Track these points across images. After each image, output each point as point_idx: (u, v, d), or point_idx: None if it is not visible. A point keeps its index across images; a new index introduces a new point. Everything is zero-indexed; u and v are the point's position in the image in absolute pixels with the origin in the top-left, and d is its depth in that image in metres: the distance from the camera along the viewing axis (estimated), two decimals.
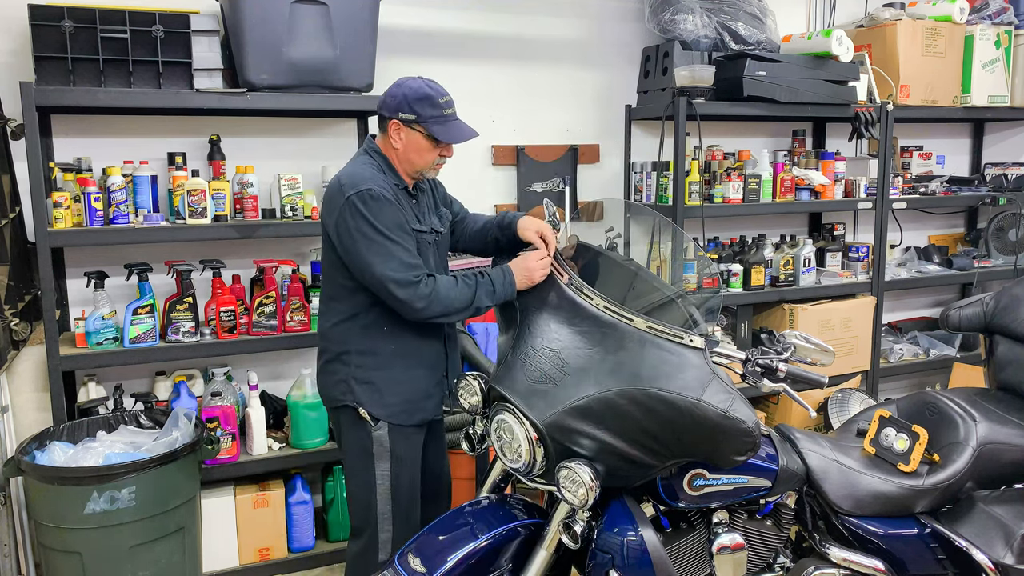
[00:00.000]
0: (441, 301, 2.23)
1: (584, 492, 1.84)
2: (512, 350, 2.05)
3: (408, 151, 2.33)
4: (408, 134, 2.31)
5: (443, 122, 2.31)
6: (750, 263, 3.87)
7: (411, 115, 2.28)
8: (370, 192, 2.23)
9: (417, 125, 2.29)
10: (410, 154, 2.33)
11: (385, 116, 2.34)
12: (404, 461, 2.42)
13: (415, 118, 2.29)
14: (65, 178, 2.93)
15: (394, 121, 2.31)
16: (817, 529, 2.25)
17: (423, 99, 2.29)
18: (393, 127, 2.32)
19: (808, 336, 2.06)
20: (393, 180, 2.34)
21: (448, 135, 2.32)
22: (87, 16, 2.80)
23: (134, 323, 2.95)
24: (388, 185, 2.30)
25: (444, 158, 2.38)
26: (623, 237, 2.52)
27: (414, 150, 2.32)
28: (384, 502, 2.40)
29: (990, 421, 2.33)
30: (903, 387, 4.85)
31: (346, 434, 2.44)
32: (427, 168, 2.37)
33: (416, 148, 2.32)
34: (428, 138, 2.30)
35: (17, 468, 2.59)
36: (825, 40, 3.80)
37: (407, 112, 2.29)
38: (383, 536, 2.40)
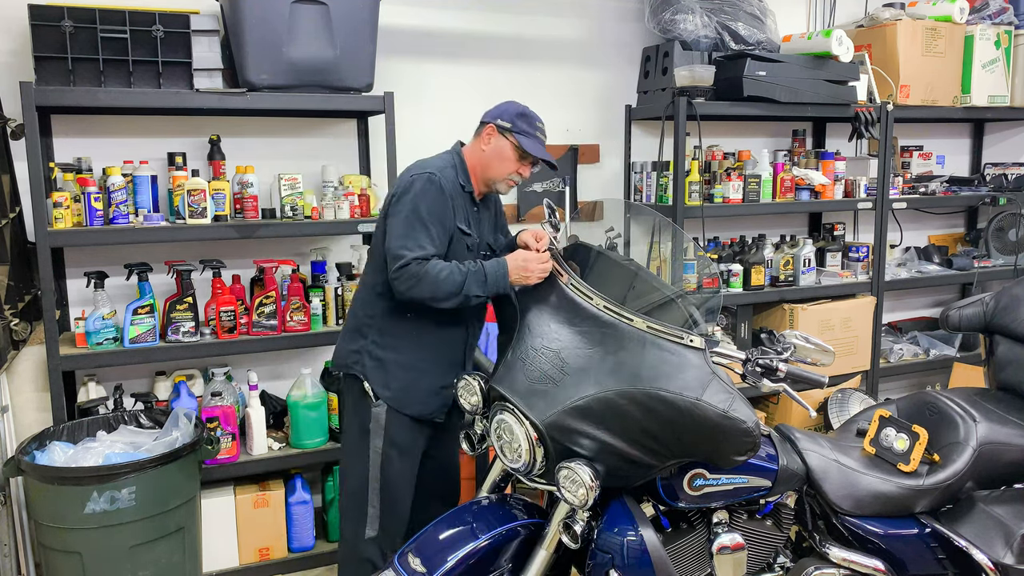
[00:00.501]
0: (428, 284, 2.30)
1: (584, 492, 1.84)
2: (512, 350, 2.06)
3: (492, 155, 2.47)
4: (498, 140, 2.46)
5: (532, 138, 2.47)
6: (750, 263, 3.87)
7: (508, 123, 2.45)
8: (430, 176, 2.38)
9: (509, 134, 2.45)
10: (493, 159, 2.47)
11: (484, 121, 2.51)
12: (398, 446, 2.49)
13: (510, 127, 2.45)
14: (65, 178, 2.93)
15: (490, 125, 2.47)
16: (817, 529, 2.25)
17: (523, 115, 2.47)
18: (487, 131, 2.47)
19: (808, 336, 2.06)
20: (460, 179, 2.47)
21: (533, 148, 2.46)
22: (87, 16, 2.80)
23: (134, 323, 2.95)
24: (451, 179, 2.43)
25: (520, 176, 2.51)
26: (623, 237, 2.52)
27: (498, 156, 2.46)
28: (374, 479, 2.49)
29: (990, 421, 2.33)
30: (903, 387, 4.85)
31: (348, 403, 2.58)
32: (501, 179, 2.49)
33: (500, 155, 2.46)
34: (515, 148, 2.45)
35: (17, 468, 2.59)
36: (825, 40, 3.80)
37: (506, 120, 2.46)
38: (371, 511, 2.49)
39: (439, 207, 2.37)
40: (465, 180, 2.49)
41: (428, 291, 2.32)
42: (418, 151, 3.73)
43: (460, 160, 2.51)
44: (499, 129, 2.46)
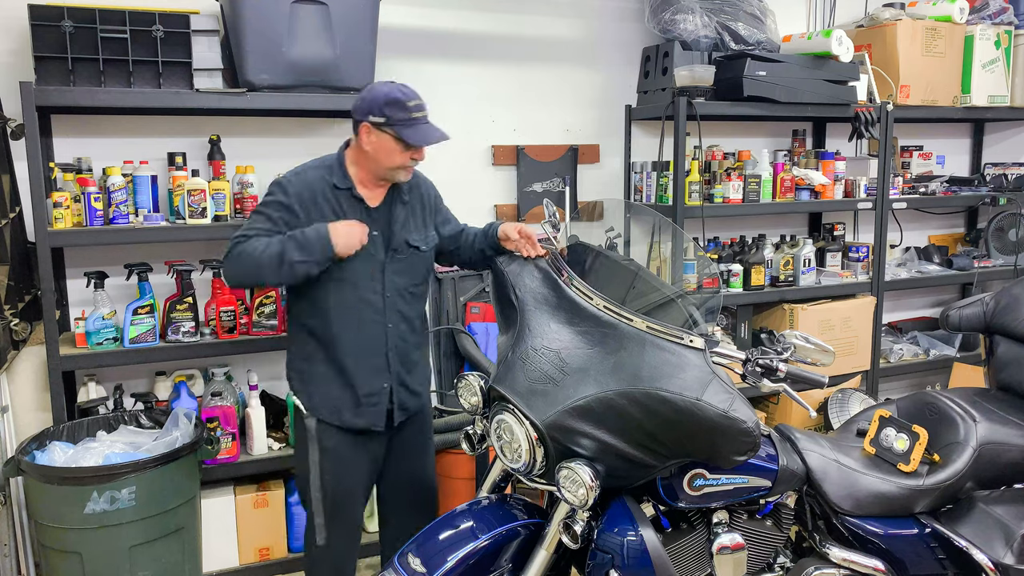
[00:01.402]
0: (248, 259, 2.28)
1: (584, 492, 1.84)
2: (512, 350, 2.05)
3: (378, 153, 2.36)
4: (378, 136, 2.34)
5: (412, 125, 2.33)
6: (750, 263, 3.87)
7: (380, 118, 2.31)
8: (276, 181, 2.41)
9: (386, 128, 2.32)
10: (380, 156, 2.36)
11: (356, 120, 2.37)
12: (332, 456, 2.45)
13: (384, 121, 2.31)
14: (65, 178, 2.93)
15: (364, 124, 2.34)
16: (817, 529, 2.25)
17: (393, 103, 2.31)
18: (363, 130, 2.35)
19: (808, 336, 2.06)
20: (334, 179, 2.40)
21: (416, 137, 2.34)
22: (87, 16, 2.80)
23: (134, 323, 2.95)
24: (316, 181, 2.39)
25: (415, 160, 2.41)
26: (623, 237, 2.52)
27: (384, 153, 2.35)
28: (316, 489, 2.45)
29: (990, 421, 2.33)
30: (903, 387, 4.85)
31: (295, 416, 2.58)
32: (397, 170, 2.40)
33: (386, 151, 2.35)
34: (397, 140, 2.33)
35: (17, 468, 2.59)
36: (825, 40, 3.80)
37: (377, 115, 2.31)
38: (318, 520, 2.47)
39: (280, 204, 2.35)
40: (340, 177, 2.40)
41: (251, 266, 2.28)
42: None
43: (338, 160, 2.43)
44: (374, 126, 2.33)
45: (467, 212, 3.82)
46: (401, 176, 2.43)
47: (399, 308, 2.48)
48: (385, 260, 2.45)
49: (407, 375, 2.52)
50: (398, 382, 2.50)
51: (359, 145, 2.38)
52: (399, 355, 2.49)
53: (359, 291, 2.41)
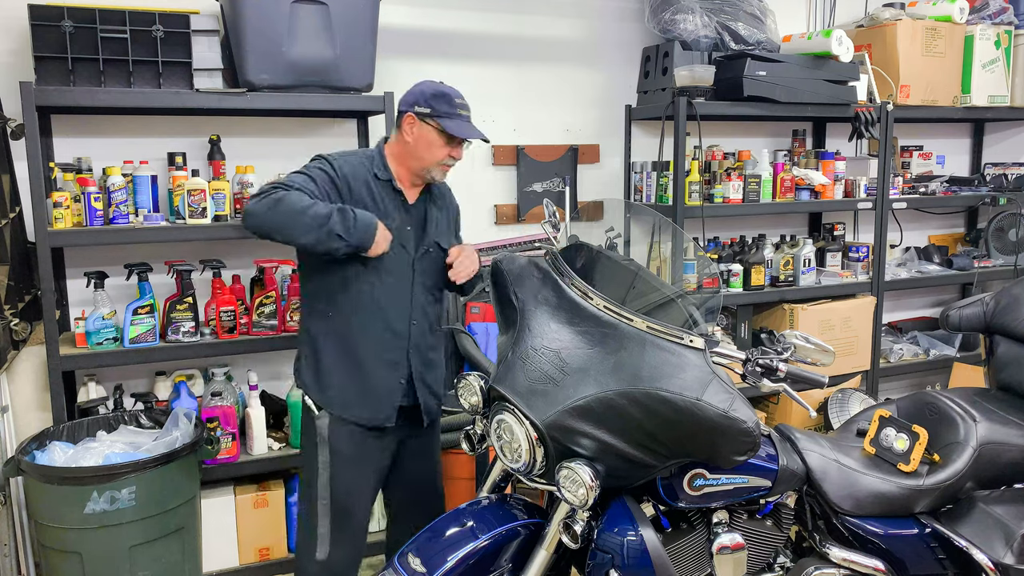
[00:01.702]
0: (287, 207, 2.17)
1: (584, 492, 1.84)
2: (512, 350, 2.05)
3: (418, 145, 2.36)
4: (420, 128, 2.35)
5: (455, 119, 2.36)
6: (750, 263, 3.87)
7: (426, 108, 2.33)
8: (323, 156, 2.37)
9: (430, 119, 2.34)
10: (420, 148, 2.37)
11: (401, 111, 2.39)
12: (343, 456, 2.39)
13: (429, 112, 2.33)
14: (65, 178, 2.93)
15: (409, 114, 2.36)
16: (817, 529, 2.25)
17: (440, 96, 2.34)
18: (407, 120, 2.36)
19: (808, 336, 2.06)
20: (375, 168, 2.39)
21: (459, 130, 2.35)
22: (87, 16, 2.80)
23: (134, 323, 2.95)
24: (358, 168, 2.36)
25: (453, 159, 2.41)
26: (623, 237, 2.52)
27: (424, 144, 2.36)
28: (324, 491, 2.38)
29: (990, 421, 2.33)
30: (903, 387, 4.85)
31: (302, 418, 2.50)
32: (434, 166, 2.40)
33: (426, 143, 2.36)
34: (440, 133, 2.34)
35: (17, 468, 2.59)
36: (825, 40, 3.80)
37: (423, 106, 2.33)
38: (321, 530, 2.38)
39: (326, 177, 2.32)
40: (380, 168, 2.40)
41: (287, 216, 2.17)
42: None
43: (379, 152, 2.43)
44: (419, 116, 2.34)
45: (467, 212, 3.82)
46: (437, 175, 2.43)
47: (423, 305, 2.48)
48: (415, 256, 2.45)
49: (427, 374, 2.51)
50: (420, 380, 2.48)
51: (401, 137, 2.39)
52: (419, 353, 2.48)
53: (387, 284, 2.39)
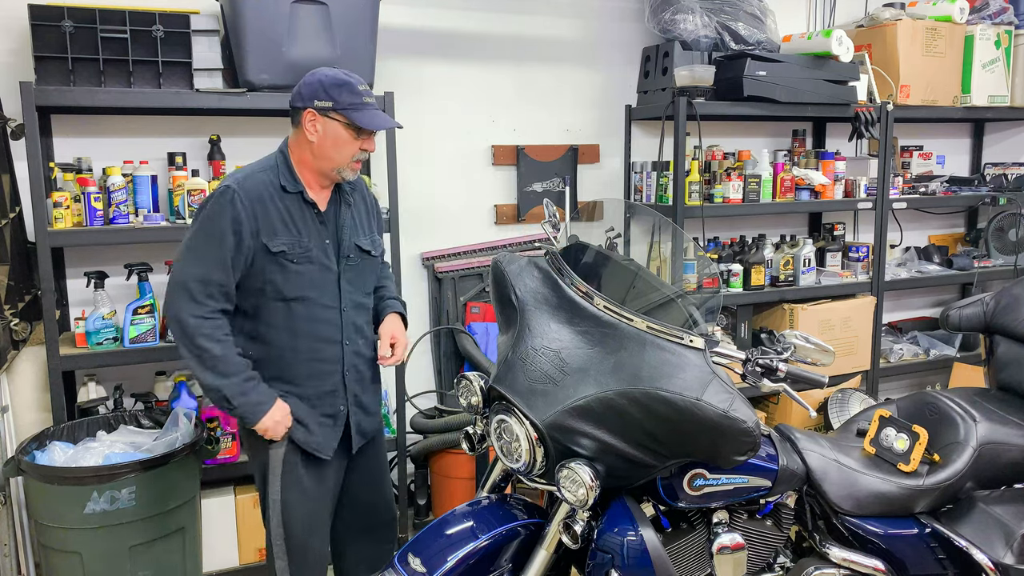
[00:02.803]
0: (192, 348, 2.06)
1: (584, 492, 1.84)
2: (512, 350, 2.05)
3: (325, 143, 2.15)
4: (325, 124, 2.14)
5: (362, 109, 2.14)
6: (750, 263, 3.87)
7: (328, 102, 2.12)
8: (223, 190, 2.10)
9: (335, 113, 2.13)
10: (327, 147, 2.16)
11: (298, 107, 2.15)
12: (296, 487, 2.25)
13: (332, 105, 2.12)
14: (65, 178, 2.93)
15: (309, 110, 2.14)
16: (817, 529, 2.25)
17: (341, 85, 2.13)
18: (308, 117, 2.14)
19: (808, 336, 2.06)
20: (283, 182, 2.17)
21: (369, 121, 2.15)
22: (87, 16, 2.80)
23: (134, 323, 2.95)
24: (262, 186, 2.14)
25: (365, 152, 2.21)
26: (623, 237, 2.52)
27: (332, 142, 2.15)
28: (277, 526, 2.24)
29: (990, 421, 2.33)
30: (903, 387, 4.85)
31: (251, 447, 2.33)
32: (346, 164, 2.20)
33: (334, 139, 2.15)
34: (348, 127, 2.14)
35: (17, 468, 2.59)
36: (825, 40, 3.80)
37: (323, 99, 2.12)
38: (279, 563, 2.25)
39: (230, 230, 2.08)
40: (288, 179, 2.17)
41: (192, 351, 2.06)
42: (418, 151, 3.74)
43: (283, 159, 2.20)
44: (320, 111, 2.12)
45: (467, 212, 3.83)
46: (348, 173, 2.23)
47: (355, 321, 2.31)
48: (339, 271, 2.27)
49: (363, 395, 2.37)
50: (355, 404, 2.35)
51: (302, 137, 2.17)
52: (356, 375, 2.34)
53: (314, 308, 2.22)
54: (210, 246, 2.10)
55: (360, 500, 2.47)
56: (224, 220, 2.10)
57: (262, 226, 2.13)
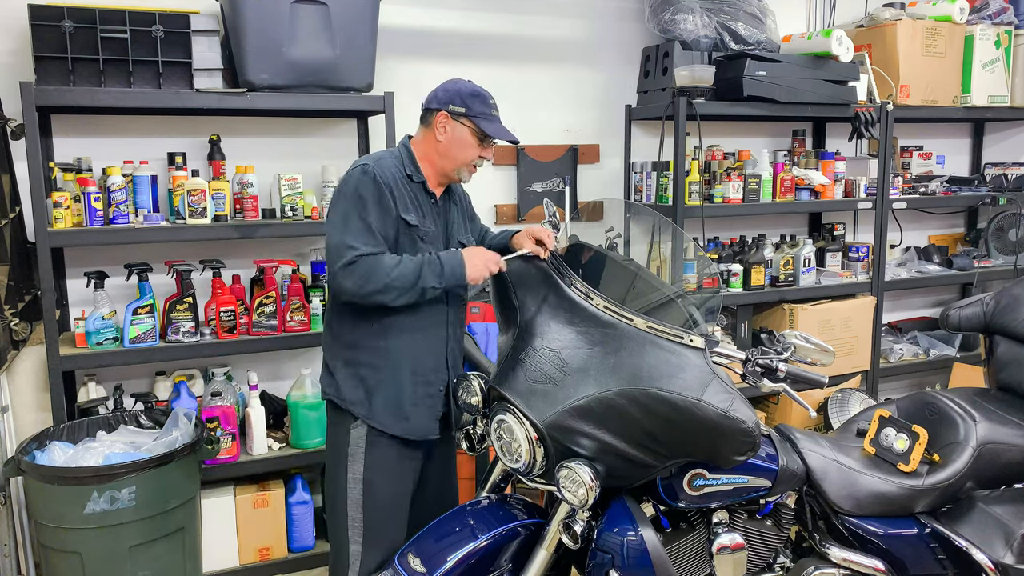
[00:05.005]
0: (380, 277, 2.13)
1: (584, 492, 1.84)
2: (512, 350, 2.05)
3: (452, 145, 2.30)
4: (455, 127, 2.29)
5: (491, 119, 2.31)
6: (750, 263, 3.87)
7: (461, 108, 2.27)
8: (363, 168, 2.22)
9: (466, 119, 2.28)
10: (453, 148, 2.30)
11: (433, 108, 2.32)
12: (381, 470, 2.27)
13: (465, 111, 2.28)
14: (65, 178, 2.93)
15: (443, 113, 2.29)
16: (817, 529, 2.25)
17: (476, 96, 2.30)
18: (440, 119, 2.29)
19: (808, 336, 2.06)
20: (408, 170, 2.30)
21: (495, 130, 2.31)
22: (87, 16, 2.80)
23: (134, 323, 2.95)
24: (394, 170, 2.26)
25: (483, 159, 2.36)
26: (623, 237, 2.52)
27: (458, 145, 2.30)
28: (354, 508, 2.26)
29: (990, 421, 2.33)
30: (903, 387, 4.85)
31: (328, 427, 2.40)
32: (465, 167, 2.33)
33: (460, 143, 2.29)
34: (475, 133, 2.29)
35: (17, 468, 2.59)
36: (825, 40, 3.80)
37: (458, 105, 2.28)
38: (353, 547, 2.26)
39: (376, 198, 2.19)
40: (413, 170, 2.31)
41: (380, 285, 2.13)
42: None
43: (407, 153, 2.34)
44: (453, 115, 2.28)
45: None
46: (465, 176, 2.36)
47: (456, 309, 2.40)
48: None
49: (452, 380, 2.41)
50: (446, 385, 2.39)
51: (431, 136, 2.31)
52: (454, 360, 2.41)
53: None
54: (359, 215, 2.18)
55: (432, 488, 2.47)
56: (368, 191, 2.19)
57: (399, 202, 2.24)
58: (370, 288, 2.14)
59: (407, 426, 2.29)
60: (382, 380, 2.27)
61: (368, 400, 2.27)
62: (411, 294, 2.17)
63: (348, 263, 2.14)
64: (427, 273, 2.17)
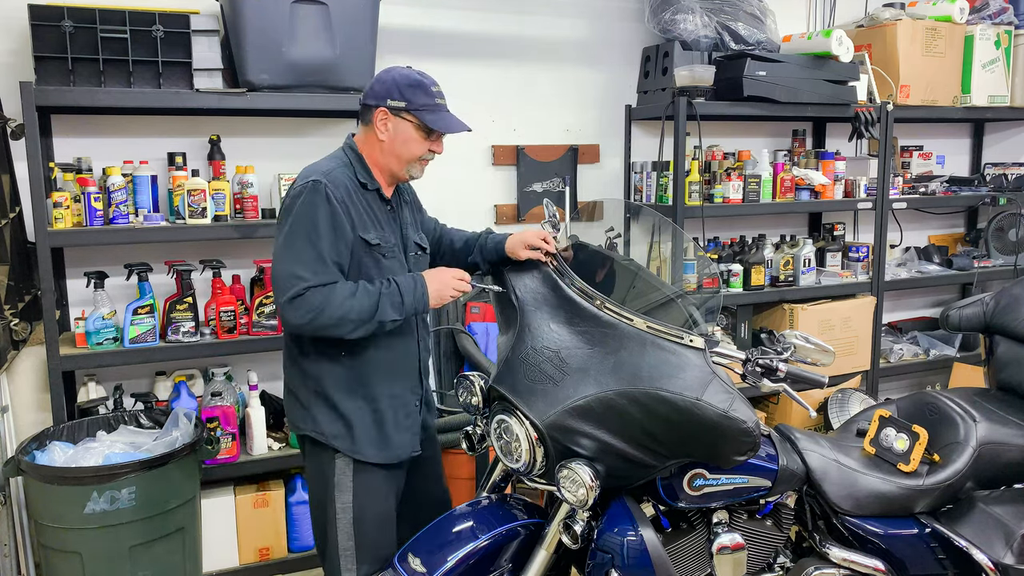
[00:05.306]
0: (333, 311, 1.98)
1: (584, 492, 1.84)
2: (512, 350, 2.05)
3: (395, 143, 2.13)
4: (396, 123, 2.12)
5: (435, 111, 2.13)
6: (750, 263, 3.87)
7: (401, 102, 2.09)
8: (314, 185, 2.04)
9: (408, 113, 2.10)
10: (397, 146, 2.13)
11: (370, 105, 2.13)
12: (369, 494, 2.19)
13: (406, 105, 2.10)
14: (65, 178, 2.93)
15: (381, 109, 2.11)
16: (817, 529, 2.25)
17: (415, 86, 2.11)
18: (380, 116, 2.12)
19: (808, 336, 2.06)
20: (361, 179, 2.14)
21: (442, 124, 2.14)
22: (87, 16, 2.80)
23: (134, 323, 2.95)
24: (347, 182, 2.10)
25: (433, 154, 2.20)
26: (623, 237, 2.52)
27: (402, 141, 2.13)
28: (345, 538, 2.18)
29: (990, 421, 2.33)
30: (903, 387, 4.84)
31: (309, 458, 2.26)
32: (414, 164, 2.18)
33: (404, 139, 2.13)
34: (419, 128, 2.12)
35: (17, 468, 2.59)
36: (825, 40, 3.80)
37: (397, 99, 2.09)
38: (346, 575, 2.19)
39: (329, 220, 2.02)
40: (367, 177, 2.14)
41: (333, 319, 1.98)
42: None
43: (356, 156, 2.16)
44: (393, 111, 2.10)
45: (467, 212, 3.83)
46: (416, 172, 2.20)
47: (423, 318, 2.30)
48: (408, 267, 2.24)
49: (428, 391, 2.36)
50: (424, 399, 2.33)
51: (371, 136, 2.15)
52: (424, 370, 2.31)
53: None
54: (309, 241, 2.02)
55: (420, 495, 2.41)
56: (320, 213, 2.03)
57: (356, 220, 2.09)
58: (322, 322, 2.00)
59: (390, 452, 2.20)
60: (359, 409, 2.16)
61: (349, 433, 2.15)
62: (368, 327, 2.04)
63: (296, 296, 1.99)
64: (385, 305, 2.03)
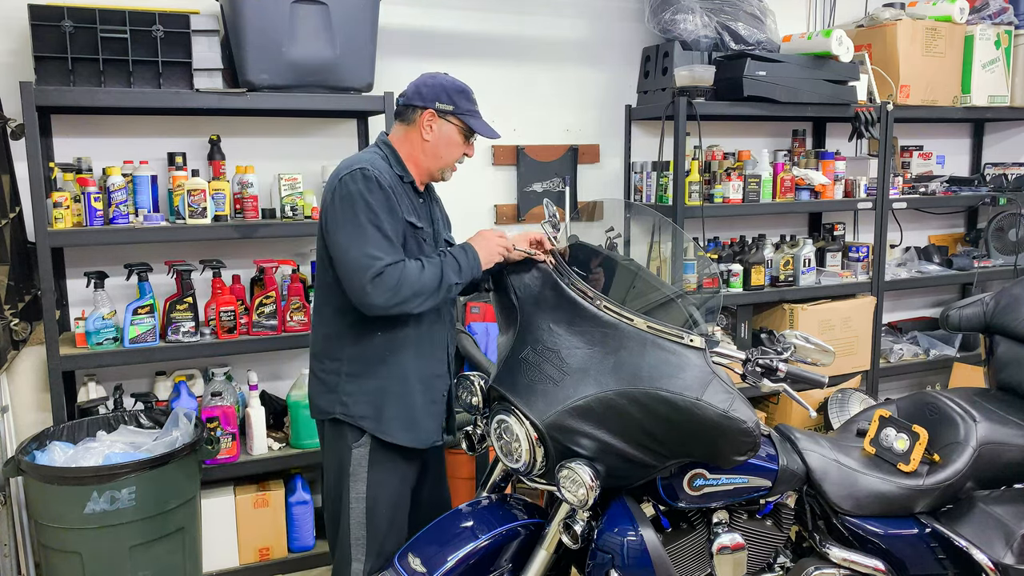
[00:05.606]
0: (409, 287, 2.06)
1: (584, 492, 1.84)
2: (512, 350, 2.05)
3: (439, 144, 2.23)
4: (442, 125, 2.22)
5: (477, 117, 2.26)
6: (750, 263, 3.87)
7: (449, 105, 2.20)
8: (363, 171, 2.11)
9: (454, 117, 2.22)
10: (440, 148, 2.24)
11: (417, 106, 2.22)
12: (383, 487, 2.23)
13: (453, 109, 2.21)
14: (65, 178, 2.93)
15: (429, 111, 2.21)
16: (817, 529, 2.25)
17: (461, 92, 2.24)
18: (427, 116, 2.21)
19: (808, 336, 2.06)
20: (396, 169, 2.22)
21: (485, 129, 2.26)
22: (87, 16, 2.80)
23: (134, 323, 2.95)
24: (387, 172, 2.17)
25: (465, 157, 2.32)
26: (623, 237, 2.52)
27: (445, 143, 2.24)
28: (358, 528, 2.21)
29: (990, 421, 2.33)
30: (903, 387, 4.84)
31: (327, 447, 2.30)
32: (449, 166, 2.29)
33: (447, 141, 2.23)
34: (462, 132, 2.24)
35: (17, 468, 2.59)
36: (825, 40, 3.80)
37: (445, 102, 2.20)
38: (356, 566, 2.22)
39: (384, 203, 2.10)
40: (402, 170, 2.22)
41: (410, 294, 2.06)
42: None
43: (391, 151, 2.24)
44: (440, 113, 2.20)
45: (467, 212, 3.83)
46: (448, 175, 2.31)
47: (450, 307, 2.36)
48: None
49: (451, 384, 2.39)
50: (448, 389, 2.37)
51: (415, 135, 2.23)
52: (451, 360, 2.37)
53: None
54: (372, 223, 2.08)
55: (420, 495, 2.43)
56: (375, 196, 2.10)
57: (402, 204, 2.17)
58: (400, 298, 2.06)
59: (415, 436, 2.24)
60: (393, 392, 2.21)
61: (379, 414, 2.20)
62: (435, 298, 2.13)
63: (376, 275, 2.04)
64: (448, 271, 2.13)
